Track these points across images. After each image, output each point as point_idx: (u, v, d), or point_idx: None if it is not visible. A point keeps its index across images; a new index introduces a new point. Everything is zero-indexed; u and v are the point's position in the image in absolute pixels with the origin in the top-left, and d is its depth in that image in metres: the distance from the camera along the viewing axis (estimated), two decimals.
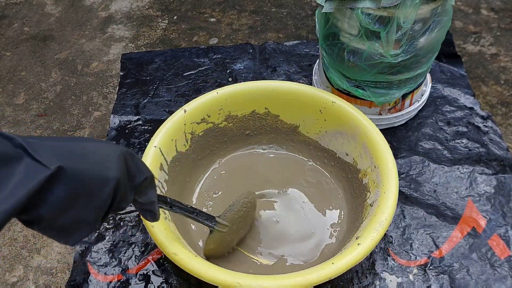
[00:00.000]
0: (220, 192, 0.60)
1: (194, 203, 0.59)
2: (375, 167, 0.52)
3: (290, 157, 0.63)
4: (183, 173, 0.57)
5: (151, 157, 0.51)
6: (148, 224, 0.45)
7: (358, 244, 0.44)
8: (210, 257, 0.52)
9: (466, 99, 0.71)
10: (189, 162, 0.58)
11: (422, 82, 0.65)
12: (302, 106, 0.59)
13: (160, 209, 0.46)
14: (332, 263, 0.43)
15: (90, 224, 0.30)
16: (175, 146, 0.55)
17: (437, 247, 0.55)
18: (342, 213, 0.57)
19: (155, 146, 0.52)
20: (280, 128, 0.62)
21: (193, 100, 0.57)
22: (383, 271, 0.53)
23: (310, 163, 0.62)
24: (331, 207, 0.58)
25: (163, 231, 0.45)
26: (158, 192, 0.50)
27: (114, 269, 0.54)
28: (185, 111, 0.56)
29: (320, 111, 0.58)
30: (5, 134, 0.26)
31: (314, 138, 0.61)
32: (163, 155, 0.53)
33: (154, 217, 0.39)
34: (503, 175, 0.61)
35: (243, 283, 0.41)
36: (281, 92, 0.59)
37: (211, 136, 0.60)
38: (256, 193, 0.57)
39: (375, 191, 0.50)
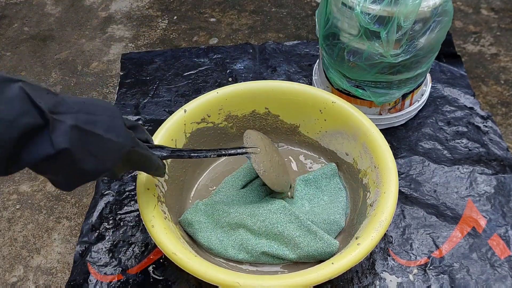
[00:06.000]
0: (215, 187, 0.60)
1: (191, 199, 0.59)
2: (375, 167, 0.52)
3: (294, 152, 0.64)
4: (182, 173, 0.57)
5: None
6: (148, 224, 0.45)
7: (358, 244, 0.44)
8: (276, 186, 0.53)
9: (466, 99, 0.71)
10: (189, 161, 0.58)
11: (422, 82, 0.65)
12: (302, 106, 0.59)
13: (160, 208, 0.47)
14: (332, 263, 0.43)
15: (89, 176, 0.35)
16: (175, 146, 0.55)
17: (437, 247, 0.55)
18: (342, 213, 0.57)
19: None
20: (280, 128, 0.62)
21: (193, 100, 0.57)
22: (383, 271, 0.53)
23: (310, 161, 0.63)
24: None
25: (163, 230, 0.45)
26: (158, 191, 0.50)
27: (114, 269, 0.54)
28: (185, 111, 0.56)
29: (320, 111, 0.58)
30: (41, 107, 0.30)
31: (314, 138, 0.62)
32: None
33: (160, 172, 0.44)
34: (503, 175, 0.62)
35: (243, 283, 0.41)
36: (281, 92, 0.59)
37: (211, 136, 0.60)
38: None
39: (375, 191, 0.50)
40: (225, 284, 0.41)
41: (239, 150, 0.50)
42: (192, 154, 0.46)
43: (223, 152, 0.49)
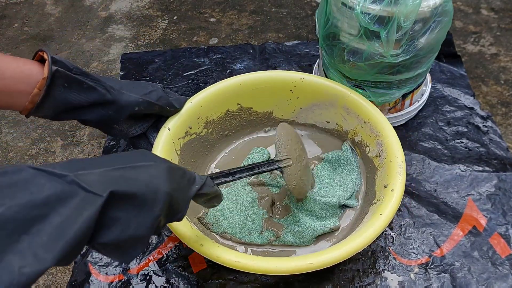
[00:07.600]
0: None
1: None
2: (364, 122, 0.55)
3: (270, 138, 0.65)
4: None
5: None
6: (195, 245, 0.45)
7: (391, 191, 0.47)
8: (302, 194, 0.54)
9: (466, 99, 0.71)
10: (195, 163, 0.59)
11: (422, 82, 0.65)
12: (272, 91, 0.61)
13: (188, 221, 0.48)
14: (380, 214, 0.45)
15: (145, 240, 0.33)
16: None
17: (438, 246, 0.55)
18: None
19: None
20: (254, 119, 0.64)
21: (172, 116, 0.55)
22: (384, 270, 0.54)
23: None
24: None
25: (212, 245, 0.45)
26: None
27: (115, 269, 0.54)
28: (169, 129, 0.54)
29: (291, 90, 0.60)
30: (57, 172, 0.28)
31: (290, 118, 0.64)
32: None
33: (219, 200, 0.43)
34: (503, 174, 0.62)
35: (315, 262, 0.42)
36: (249, 84, 0.60)
37: (197, 147, 0.59)
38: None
39: (376, 142, 0.53)
40: (299, 270, 0.42)
41: (272, 166, 0.50)
42: (227, 179, 0.45)
43: (257, 170, 0.48)
